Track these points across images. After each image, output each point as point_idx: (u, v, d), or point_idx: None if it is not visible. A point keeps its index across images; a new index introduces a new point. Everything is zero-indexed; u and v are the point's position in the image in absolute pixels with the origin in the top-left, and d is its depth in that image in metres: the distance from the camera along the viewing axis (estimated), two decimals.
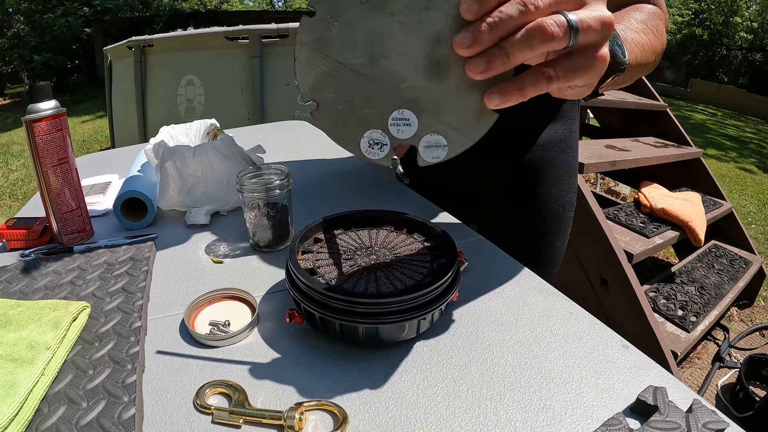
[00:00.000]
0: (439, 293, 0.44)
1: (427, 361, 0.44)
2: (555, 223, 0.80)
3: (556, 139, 0.76)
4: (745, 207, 3.65)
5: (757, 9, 11.78)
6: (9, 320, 0.44)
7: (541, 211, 0.79)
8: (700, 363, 1.81)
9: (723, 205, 2.14)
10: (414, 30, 0.33)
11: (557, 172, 0.78)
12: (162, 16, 9.30)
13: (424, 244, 0.53)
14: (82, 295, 0.51)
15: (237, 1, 14.56)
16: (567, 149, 0.78)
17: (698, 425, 0.35)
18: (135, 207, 0.72)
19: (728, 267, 2.01)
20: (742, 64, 11.75)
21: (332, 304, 0.43)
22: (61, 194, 0.63)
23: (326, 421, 0.38)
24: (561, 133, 0.76)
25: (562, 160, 0.78)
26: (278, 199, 0.61)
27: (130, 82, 3.27)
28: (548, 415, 0.38)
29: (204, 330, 0.47)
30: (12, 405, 0.35)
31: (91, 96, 7.80)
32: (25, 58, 8.08)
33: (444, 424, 0.37)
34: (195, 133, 0.90)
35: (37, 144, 0.60)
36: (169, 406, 0.39)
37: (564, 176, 0.79)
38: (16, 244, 0.65)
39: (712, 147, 5.67)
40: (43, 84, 0.61)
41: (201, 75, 2.86)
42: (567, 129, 0.77)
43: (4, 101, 8.32)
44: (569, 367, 0.42)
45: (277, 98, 2.69)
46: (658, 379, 0.41)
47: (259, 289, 0.54)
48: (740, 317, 2.13)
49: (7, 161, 4.49)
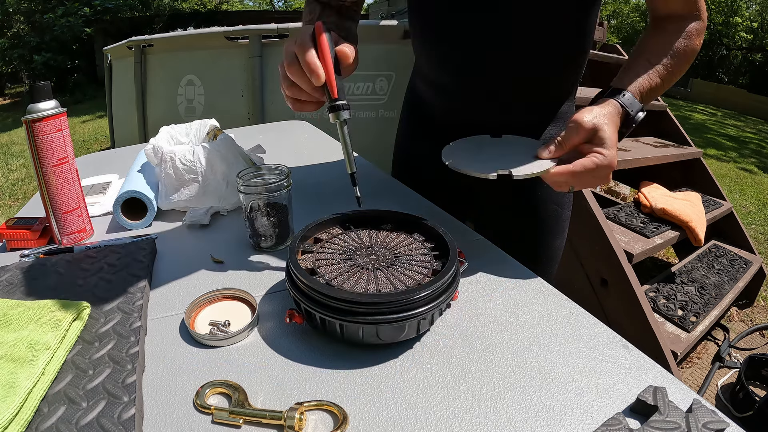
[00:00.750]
0: (439, 293, 0.44)
1: (427, 361, 0.44)
2: (554, 223, 0.80)
3: None
4: (745, 207, 3.65)
5: (757, 9, 11.79)
6: (9, 320, 0.44)
7: (539, 211, 0.79)
8: (700, 363, 1.81)
9: (723, 205, 2.14)
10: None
11: None
12: (162, 16, 9.30)
13: (424, 244, 0.53)
14: (82, 295, 0.51)
15: (237, 1, 14.56)
16: None
17: (698, 425, 0.35)
18: (135, 207, 0.72)
19: (728, 267, 2.01)
20: (742, 64, 11.76)
21: (332, 304, 0.43)
22: (61, 194, 0.63)
23: (326, 421, 0.38)
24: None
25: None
26: (278, 199, 0.61)
27: (130, 82, 3.26)
28: (548, 415, 0.38)
29: (204, 330, 0.47)
30: (12, 405, 0.35)
31: (91, 96, 7.80)
32: (25, 58, 8.08)
33: (444, 424, 0.37)
34: (195, 133, 0.90)
35: (37, 144, 0.60)
36: (169, 406, 0.39)
37: None
38: (16, 244, 0.65)
39: (712, 147, 5.67)
40: (43, 84, 0.61)
41: (201, 75, 2.85)
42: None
43: (4, 101, 8.32)
44: (569, 367, 0.42)
45: (277, 98, 2.69)
46: (658, 379, 0.41)
47: (259, 289, 0.54)
48: (740, 317, 2.13)
49: (7, 161, 4.49)
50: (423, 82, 0.80)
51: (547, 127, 0.76)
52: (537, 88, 0.72)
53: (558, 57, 0.69)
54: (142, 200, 0.71)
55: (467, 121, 0.75)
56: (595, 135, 0.54)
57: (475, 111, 0.74)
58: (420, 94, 0.82)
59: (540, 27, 0.65)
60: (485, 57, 0.68)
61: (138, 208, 0.72)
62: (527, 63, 0.68)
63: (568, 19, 0.65)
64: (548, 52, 0.67)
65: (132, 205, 0.72)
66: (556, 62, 0.69)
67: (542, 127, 0.76)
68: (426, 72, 0.78)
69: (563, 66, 0.71)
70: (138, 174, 0.77)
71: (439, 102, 0.78)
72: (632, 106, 0.58)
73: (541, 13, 0.64)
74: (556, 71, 0.71)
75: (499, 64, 0.68)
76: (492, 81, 0.70)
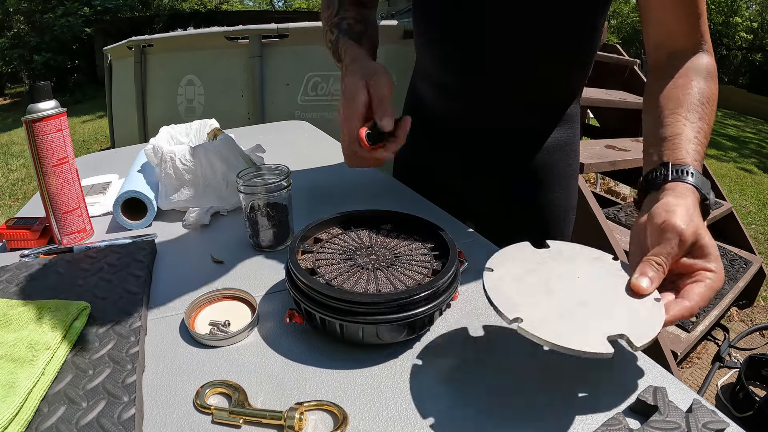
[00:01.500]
0: (439, 293, 0.44)
1: (427, 361, 0.44)
2: (559, 226, 0.80)
3: (560, 144, 0.76)
4: (745, 207, 3.65)
5: (757, 9, 11.78)
6: (9, 320, 0.44)
7: (544, 214, 0.78)
8: (700, 363, 1.81)
9: (723, 205, 2.14)
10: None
11: (561, 176, 0.77)
12: (162, 16, 9.30)
13: (424, 244, 0.53)
14: (82, 295, 0.51)
15: (237, 1, 14.57)
16: (570, 153, 0.78)
17: (698, 425, 0.35)
18: (135, 207, 0.72)
19: (728, 267, 2.01)
20: (742, 64, 11.75)
21: (332, 304, 0.43)
22: (61, 194, 0.63)
23: (326, 421, 0.38)
24: (565, 137, 0.76)
25: (565, 164, 0.77)
26: (278, 199, 0.61)
27: (130, 82, 3.26)
28: (548, 414, 0.38)
29: (204, 330, 0.47)
30: (12, 405, 0.35)
31: (91, 96, 7.79)
32: (25, 58, 8.08)
33: (444, 424, 0.37)
34: (195, 133, 0.90)
35: (37, 144, 0.60)
36: (169, 406, 0.39)
37: (567, 179, 0.78)
38: (16, 244, 0.65)
39: (712, 147, 5.67)
40: (43, 84, 0.61)
41: (201, 75, 2.85)
42: (570, 133, 0.77)
43: (4, 101, 8.32)
44: (569, 367, 0.42)
45: (277, 98, 2.69)
46: (658, 379, 0.41)
47: (259, 289, 0.54)
48: (740, 317, 2.13)
49: (7, 161, 4.49)
50: (424, 82, 0.80)
51: (554, 130, 0.75)
52: (538, 89, 0.71)
53: (559, 58, 0.68)
54: (142, 200, 0.71)
55: (468, 122, 0.75)
56: (695, 246, 0.42)
57: (475, 111, 0.74)
58: (421, 94, 0.82)
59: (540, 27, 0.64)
60: (485, 56, 0.68)
61: (138, 208, 0.72)
62: (528, 63, 0.67)
63: (571, 19, 0.64)
64: (549, 52, 0.66)
65: (132, 205, 0.72)
66: (558, 63, 0.68)
67: (547, 129, 0.75)
68: (428, 72, 0.78)
69: (566, 66, 0.69)
70: (138, 174, 0.77)
71: (440, 102, 0.78)
72: (704, 186, 0.47)
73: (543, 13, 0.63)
74: (558, 72, 0.70)
75: (499, 64, 0.68)
76: (492, 81, 0.69)
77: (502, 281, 0.41)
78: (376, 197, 0.79)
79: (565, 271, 0.43)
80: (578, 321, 0.37)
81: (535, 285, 0.41)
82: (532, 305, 0.38)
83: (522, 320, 0.36)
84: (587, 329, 0.35)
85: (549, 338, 0.34)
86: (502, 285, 0.41)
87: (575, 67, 0.70)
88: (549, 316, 0.37)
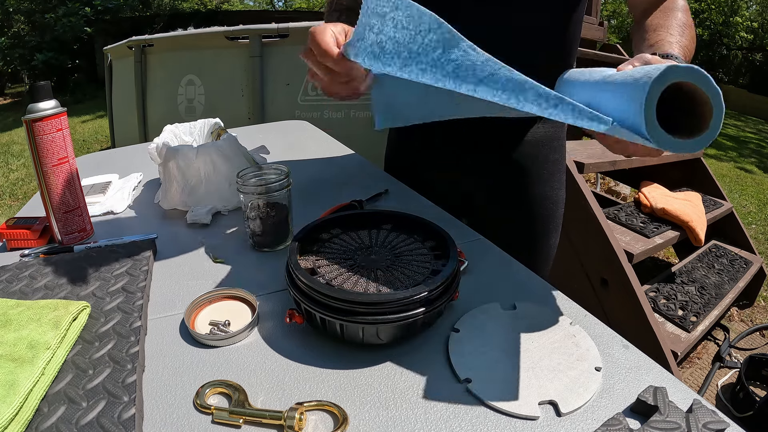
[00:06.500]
0: (439, 293, 0.44)
1: (427, 361, 0.44)
2: (549, 221, 0.81)
3: (545, 138, 0.77)
4: (745, 207, 3.65)
5: (757, 9, 11.78)
6: (9, 320, 0.44)
7: (534, 209, 0.79)
8: (700, 363, 1.81)
9: (723, 205, 2.13)
10: None
11: (549, 171, 0.79)
12: (162, 16, 9.29)
13: (424, 244, 0.53)
14: (82, 295, 0.51)
15: (237, 1, 14.56)
16: (557, 147, 0.80)
17: (698, 425, 0.35)
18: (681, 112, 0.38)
19: (728, 267, 2.01)
20: (742, 64, 11.75)
21: (332, 304, 0.43)
22: (61, 194, 0.63)
23: (326, 421, 0.38)
24: (551, 132, 0.78)
25: (552, 159, 0.79)
26: (278, 199, 0.61)
27: (130, 81, 3.26)
28: (548, 414, 0.38)
29: (204, 330, 0.47)
30: (12, 405, 0.35)
31: (91, 96, 7.79)
32: (25, 58, 8.08)
33: (444, 424, 0.37)
34: (198, 132, 0.90)
35: (37, 144, 0.60)
36: (169, 406, 0.39)
37: (555, 174, 0.80)
38: (16, 244, 0.65)
39: (712, 147, 5.66)
40: (44, 84, 0.61)
41: (201, 75, 2.85)
42: (556, 127, 0.78)
43: (4, 101, 8.32)
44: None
45: (277, 98, 2.69)
46: (658, 379, 0.41)
47: (259, 289, 0.54)
48: (740, 317, 2.13)
49: (7, 161, 4.48)
50: None
51: (536, 126, 0.76)
52: None
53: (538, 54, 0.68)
54: (706, 94, 0.36)
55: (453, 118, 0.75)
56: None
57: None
58: None
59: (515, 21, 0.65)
60: None
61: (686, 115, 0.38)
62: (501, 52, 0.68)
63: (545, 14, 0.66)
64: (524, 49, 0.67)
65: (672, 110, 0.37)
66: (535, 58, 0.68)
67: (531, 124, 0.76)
68: None
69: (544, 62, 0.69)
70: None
71: None
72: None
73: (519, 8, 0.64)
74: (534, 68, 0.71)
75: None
76: None
77: (463, 342, 0.46)
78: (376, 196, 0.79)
79: (524, 335, 0.47)
80: (521, 384, 0.41)
81: (492, 347, 0.45)
82: (486, 367, 0.43)
83: (471, 381, 0.41)
84: (527, 392, 0.40)
85: (489, 400, 0.39)
86: (463, 346, 0.45)
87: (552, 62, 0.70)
88: (496, 377, 0.41)
